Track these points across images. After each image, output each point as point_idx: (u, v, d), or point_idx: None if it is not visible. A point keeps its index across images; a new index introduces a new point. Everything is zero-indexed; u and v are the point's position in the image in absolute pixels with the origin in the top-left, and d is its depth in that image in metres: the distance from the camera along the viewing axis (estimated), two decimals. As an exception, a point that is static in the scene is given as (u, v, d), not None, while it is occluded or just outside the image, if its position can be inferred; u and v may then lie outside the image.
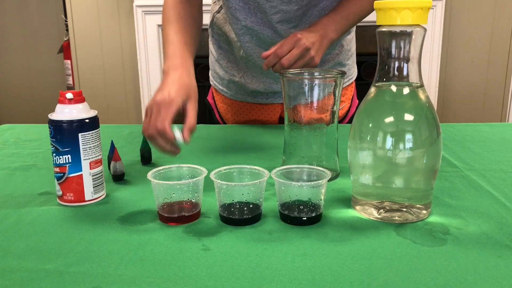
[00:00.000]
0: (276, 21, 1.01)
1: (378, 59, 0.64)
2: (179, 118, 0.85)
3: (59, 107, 0.69)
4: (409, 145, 0.61)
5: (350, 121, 1.22)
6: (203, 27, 1.09)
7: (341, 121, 1.20)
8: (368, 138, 0.63)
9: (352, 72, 1.23)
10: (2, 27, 3.38)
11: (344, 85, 1.20)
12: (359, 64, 2.79)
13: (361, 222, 0.64)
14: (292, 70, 0.85)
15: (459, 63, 2.78)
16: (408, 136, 0.61)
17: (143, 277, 0.51)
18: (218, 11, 1.15)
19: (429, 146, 0.62)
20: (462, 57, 2.77)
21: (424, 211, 0.65)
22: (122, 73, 2.95)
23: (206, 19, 1.22)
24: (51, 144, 0.70)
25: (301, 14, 1.02)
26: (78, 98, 0.69)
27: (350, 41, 1.19)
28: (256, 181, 0.64)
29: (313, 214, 0.64)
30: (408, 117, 0.63)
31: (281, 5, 0.99)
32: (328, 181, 0.73)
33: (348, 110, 1.24)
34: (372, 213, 0.65)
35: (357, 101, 1.26)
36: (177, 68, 0.88)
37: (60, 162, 0.69)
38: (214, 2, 1.17)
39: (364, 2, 1.01)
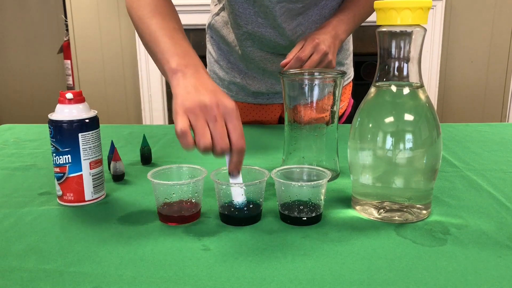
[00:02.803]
0: (283, 20, 1.02)
1: (378, 59, 0.64)
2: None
3: (59, 107, 0.69)
4: (409, 145, 0.61)
5: (346, 121, 1.22)
6: (202, 27, 1.09)
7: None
8: (368, 138, 0.63)
9: (350, 71, 1.24)
10: (2, 27, 3.38)
11: (343, 85, 1.20)
12: (359, 64, 2.77)
13: (361, 222, 0.64)
14: (292, 70, 0.85)
15: (459, 63, 2.78)
16: (408, 136, 0.61)
17: (143, 277, 0.51)
18: (217, 14, 1.15)
19: (429, 146, 0.62)
20: (462, 57, 2.77)
21: (424, 211, 0.65)
22: (122, 73, 2.95)
23: (205, 19, 1.22)
24: (51, 144, 0.70)
25: (304, 11, 1.03)
26: (78, 98, 0.69)
27: (348, 41, 1.20)
28: (256, 181, 0.64)
29: (313, 214, 0.64)
30: (408, 117, 0.63)
31: (288, 4, 1.00)
32: (328, 181, 0.73)
33: (345, 110, 1.24)
34: (372, 213, 0.65)
35: (352, 100, 1.26)
36: (198, 68, 0.73)
37: (60, 162, 0.69)
38: (215, 5, 1.17)
39: (367, 4, 1.02)
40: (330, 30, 0.97)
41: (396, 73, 0.63)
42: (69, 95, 0.69)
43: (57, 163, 0.70)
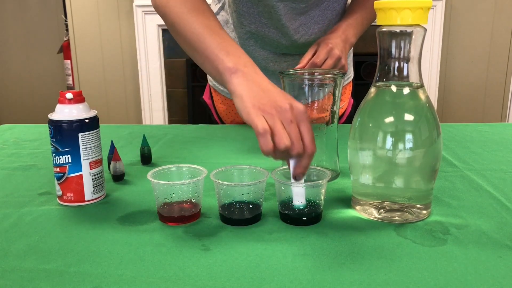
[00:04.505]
0: (287, 20, 1.02)
1: (378, 59, 0.64)
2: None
3: (59, 107, 0.69)
4: (409, 145, 0.61)
5: (346, 121, 1.22)
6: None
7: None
8: (368, 138, 0.63)
9: (350, 71, 1.24)
10: (2, 27, 3.38)
11: (343, 84, 1.20)
12: (359, 64, 2.78)
13: (361, 222, 0.64)
14: (292, 70, 0.85)
15: (459, 63, 2.78)
16: (408, 136, 0.61)
17: (143, 277, 0.51)
18: (217, 13, 1.15)
19: (429, 146, 0.62)
20: (462, 57, 2.77)
21: (424, 211, 0.65)
22: (122, 73, 2.95)
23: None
24: (51, 144, 0.70)
25: (306, 11, 1.03)
26: (78, 98, 0.69)
27: None
28: (256, 181, 0.64)
29: (313, 214, 0.64)
30: (408, 117, 0.63)
31: (292, 3, 1.00)
32: (328, 181, 0.73)
33: (345, 110, 1.24)
34: (372, 213, 0.65)
35: (352, 100, 1.27)
36: (255, 67, 0.73)
37: (60, 162, 0.69)
38: (215, 4, 1.17)
39: (373, 8, 1.03)
40: (340, 34, 0.98)
41: (396, 73, 0.63)
42: (69, 95, 0.69)
43: (57, 163, 0.70)
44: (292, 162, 0.65)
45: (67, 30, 2.97)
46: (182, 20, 0.82)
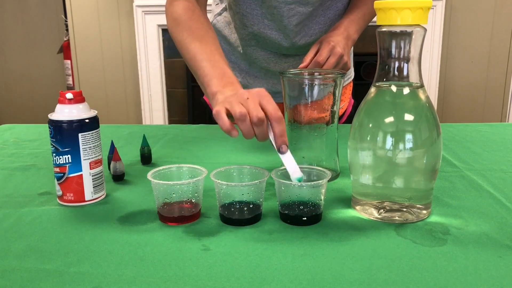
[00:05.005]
0: (293, 23, 1.02)
1: (378, 59, 0.64)
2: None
3: (59, 107, 0.69)
4: (409, 145, 0.61)
5: (347, 121, 1.22)
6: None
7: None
8: (368, 138, 0.63)
9: (351, 71, 1.24)
10: (2, 27, 3.38)
11: (344, 84, 1.20)
12: (359, 64, 2.77)
13: (361, 222, 0.64)
14: (292, 70, 0.85)
15: (459, 63, 2.78)
16: (408, 136, 0.61)
17: (143, 277, 0.51)
18: (219, 14, 1.15)
19: (429, 146, 0.62)
20: (462, 57, 2.77)
21: (424, 211, 0.65)
22: (122, 73, 2.95)
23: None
24: (51, 144, 0.70)
25: (310, 13, 1.03)
26: (78, 98, 0.69)
27: None
28: (256, 181, 0.64)
29: (313, 214, 0.64)
30: (408, 117, 0.63)
31: (298, 7, 1.00)
32: (328, 181, 0.73)
33: (345, 110, 1.24)
34: (372, 213, 0.65)
35: (352, 100, 1.26)
36: (235, 84, 0.79)
37: (60, 162, 0.69)
38: (216, 4, 1.16)
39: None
40: (342, 31, 0.98)
41: (396, 73, 0.63)
42: (69, 95, 0.69)
43: (57, 163, 0.70)
44: (271, 139, 0.68)
45: (67, 30, 2.97)
46: (182, 47, 0.90)
